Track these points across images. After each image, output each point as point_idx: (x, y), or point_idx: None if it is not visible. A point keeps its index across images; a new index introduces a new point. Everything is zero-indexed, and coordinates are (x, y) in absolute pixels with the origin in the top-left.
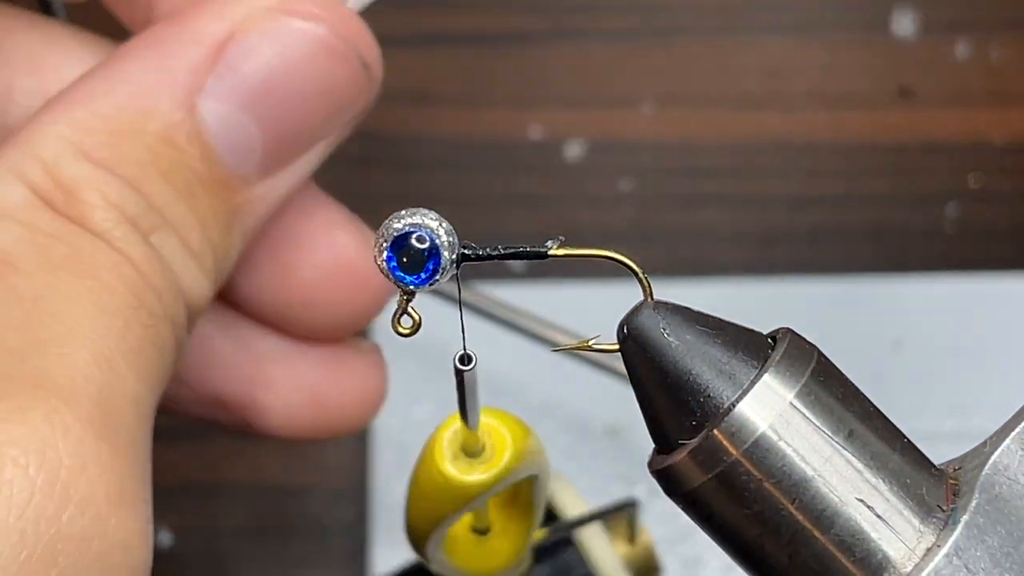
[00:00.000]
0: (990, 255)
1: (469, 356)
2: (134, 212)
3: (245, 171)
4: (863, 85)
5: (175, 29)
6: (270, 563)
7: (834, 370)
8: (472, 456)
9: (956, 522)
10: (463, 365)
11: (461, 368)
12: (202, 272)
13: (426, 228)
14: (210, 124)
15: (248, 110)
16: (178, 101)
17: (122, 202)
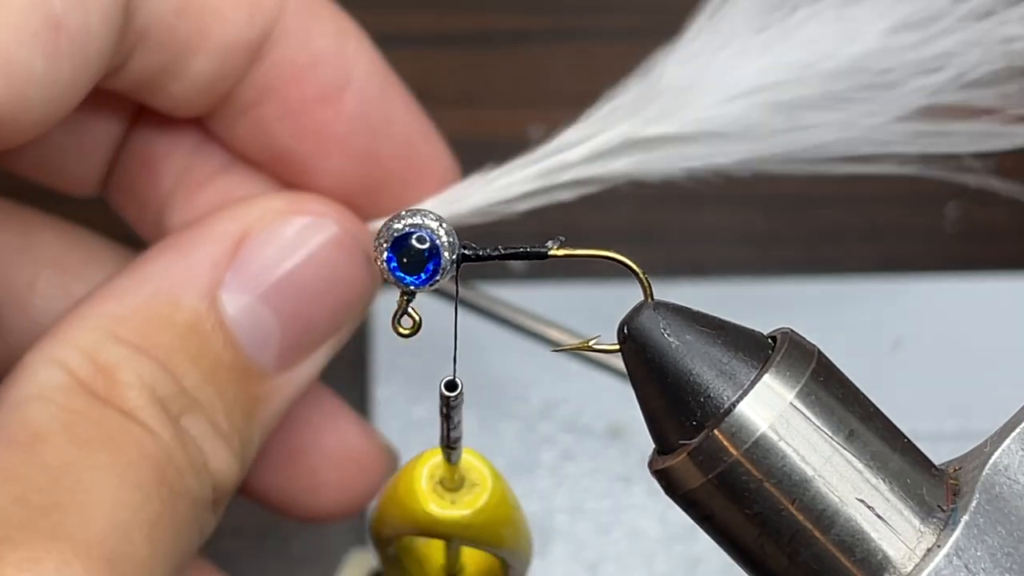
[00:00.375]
0: (990, 255)
1: (454, 383)
2: (164, 393)
3: (264, 361)
4: None
5: (194, 232)
6: (270, 563)
7: (834, 370)
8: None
9: (956, 522)
10: (449, 391)
11: (447, 395)
12: (230, 453)
13: (426, 228)
14: (231, 314)
15: (265, 302)
16: (201, 293)
17: (154, 383)
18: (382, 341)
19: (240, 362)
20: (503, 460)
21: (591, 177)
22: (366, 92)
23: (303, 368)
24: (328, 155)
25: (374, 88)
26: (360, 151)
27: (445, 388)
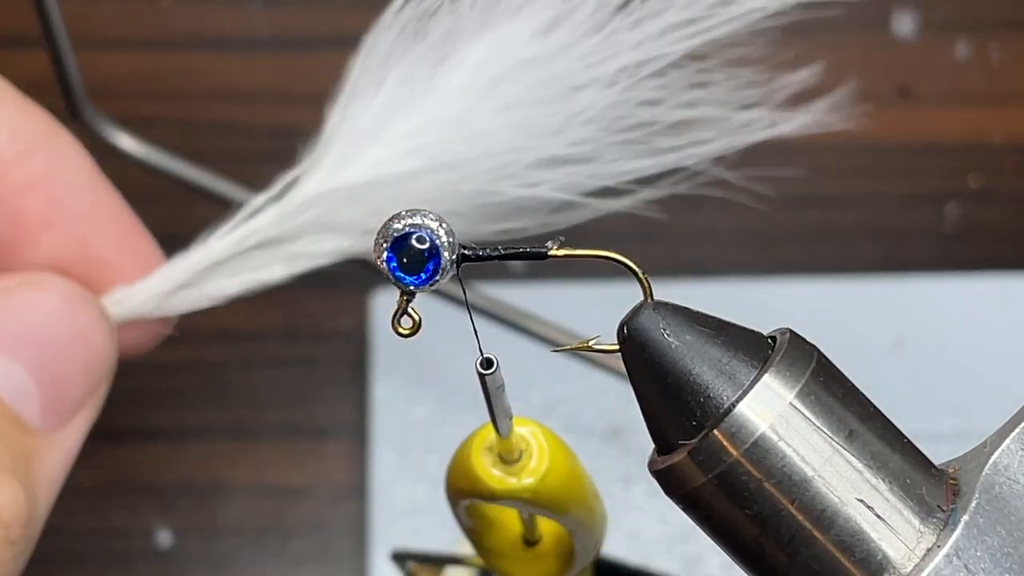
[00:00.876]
0: (990, 255)
1: (490, 360)
2: None
3: (30, 417)
4: (863, 85)
5: None
6: (270, 563)
7: (834, 370)
8: (505, 461)
9: (956, 522)
10: (484, 369)
11: (483, 372)
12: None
13: (426, 228)
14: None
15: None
16: None
17: None
18: (383, 341)
19: (10, 413)
20: None
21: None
22: (75, 181)
23: (70, 431)
24: (39, 240)
25: (83, 179)
26: (70, 236)
27: (481, 367)
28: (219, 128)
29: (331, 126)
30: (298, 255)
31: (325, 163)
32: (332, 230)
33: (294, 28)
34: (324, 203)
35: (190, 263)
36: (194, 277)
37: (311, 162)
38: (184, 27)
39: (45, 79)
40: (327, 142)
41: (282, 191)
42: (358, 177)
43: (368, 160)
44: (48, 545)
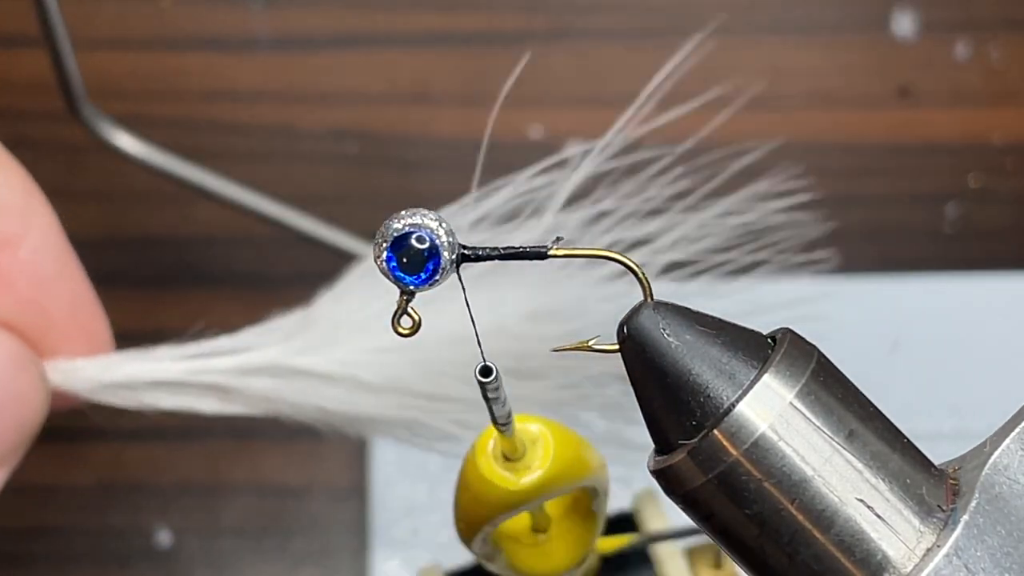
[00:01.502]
0: (990, 255)
1: (488, 368)
2: None
3: None
4: (863, 85)
5: None
6: (270, 563)
7: (834, 370)
8: (513, 461)
9: (956, 522)
10: (483, 377)
11: (482, 381)
12: None
13: (426, 228)
14: None
15: None
16: None
17: None
18: None
19: None
20: None
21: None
22: (42, 246)
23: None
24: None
25: (50, 245)
26: (27, 297)
27: (480, 375)
28: (219, 128)
29: (316, 310)
30: (234, 401)
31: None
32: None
33: (294, 28)
34: (279, 375)
35: (137, 370)
36: (136, 384)
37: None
38: (184, 27)
39: (45, 79)
40: (307, 322)
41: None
42: (319, 366)
43: (334, 356)
44: (48, 545)
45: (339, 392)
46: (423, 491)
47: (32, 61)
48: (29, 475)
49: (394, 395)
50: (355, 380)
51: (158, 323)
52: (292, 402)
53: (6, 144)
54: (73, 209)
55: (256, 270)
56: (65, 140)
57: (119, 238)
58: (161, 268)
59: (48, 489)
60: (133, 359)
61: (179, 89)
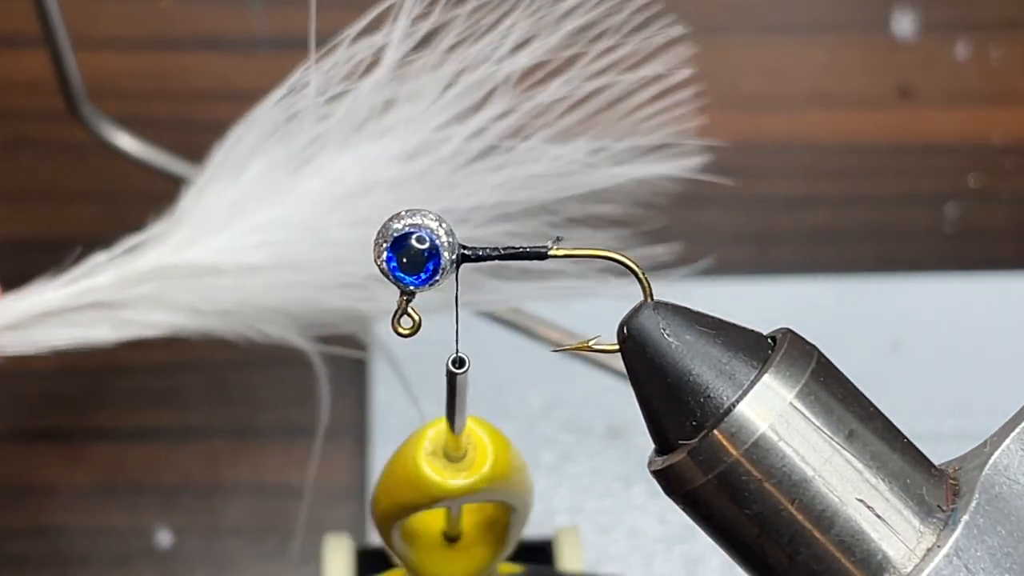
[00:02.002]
0: (990, 255)
1: (462, 359)
2: None
3: None
4: (863, 85)
5: None
6: (270, 563)
7: (834, 370)
8: (451, 460)
9: (956, 522)
10: (456, 368)
11: (454, 371)
12: None
13: (426, 228)
14: None
15: None
16: None
17: None
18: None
19: None
20: None
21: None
22: None
23: None
24: None
25: None
26: None
27: (453, 365)
28: (219, 128)
29: (185, 205)
30: (128, 322)
31: (172, 239)
32: (166, 305)
33: (294, 28)
34: (163, 277)
35: (21, 307)
36: (23, 320)
37: (158, 234)
38: (184, 27)
39: (45, 79)
40: (178, 219)
41: (123, 254)
42: (200, 259)
43: (213, 245)
44: (48, 545)
45: (229, 282)
46: None
47: (32, 61)
48: (29, 475)
49: (288, 273)
50: (242, 265)
51: None
52: (185, 305)
53: (6, 144)
54: (73, 209)
55: None
56: (65, 140)
57: (119, 238)
58: None
59: (48, 489)
60: (15, 299)
61: (179, 89)
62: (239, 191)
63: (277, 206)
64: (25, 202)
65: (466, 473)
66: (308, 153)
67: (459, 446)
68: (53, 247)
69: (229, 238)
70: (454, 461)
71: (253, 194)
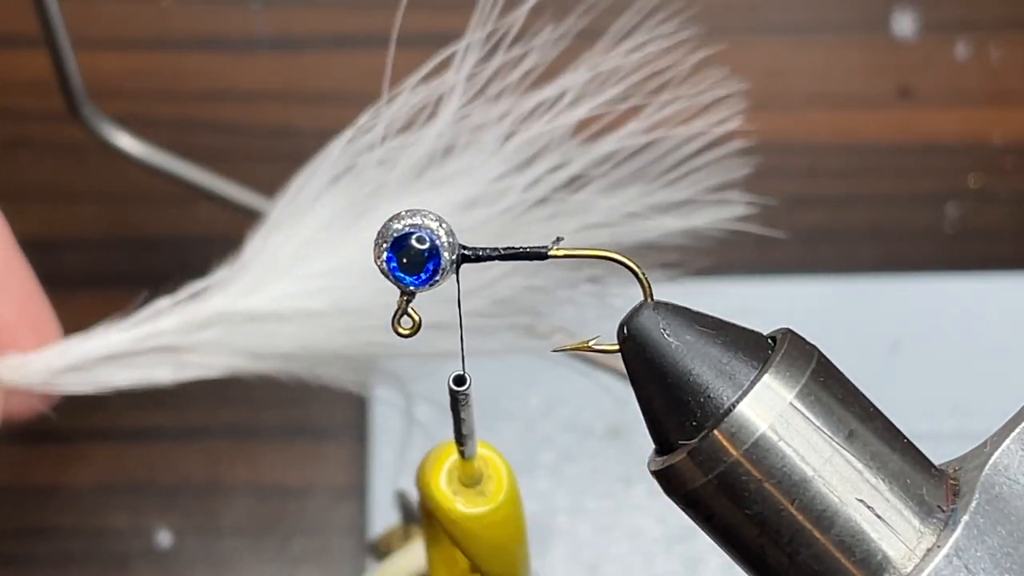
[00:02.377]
0: (990, 255)
1: (463, 377)
2: None
3: None
4: (863, 85)
5: None
6: (270, 563)
7: (834, 370)
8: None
9: (956, 522)
10: (457, 386)
11: (456, 389)
12: None
13: (426, 229)
14: None
15: None
16: None
17: None
18: None
19: None
20: None
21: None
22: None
23: None
24: None
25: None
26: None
27: (453, 383)
28: (219, 128)
29: (250, 251)
30: (189, 364)
31: (236, 285)
32: (228, 349)
33: (294, 28)
34: (226, 323)
35: (86, 349)
36: (87, 363)
37: (222, 280)
38: (184, 27)
39: (45, 79)
40: (242, 265)
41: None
42: (263, 306)
43: (276, 292)
44: (48, 545)
45: (291, 328)
46: None
47: (32, 61)
48: (29, 475)
49: (347, 317)
50: (304, 311)
51: None
52: (247, 350)
53: (6, 144)
54: (73, 209)
55: None
56: (65, 140)
57: (119, 238)
58: (161, 268)
59: (48, 489)
60: (80, 341)
61: (179, 89)
62: (302, 238)
63: (339, 253)
64: (25, 202)
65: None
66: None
67: (472, 472)
68: (53, 247)
69: (291, 284)
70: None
71: (316, 241)
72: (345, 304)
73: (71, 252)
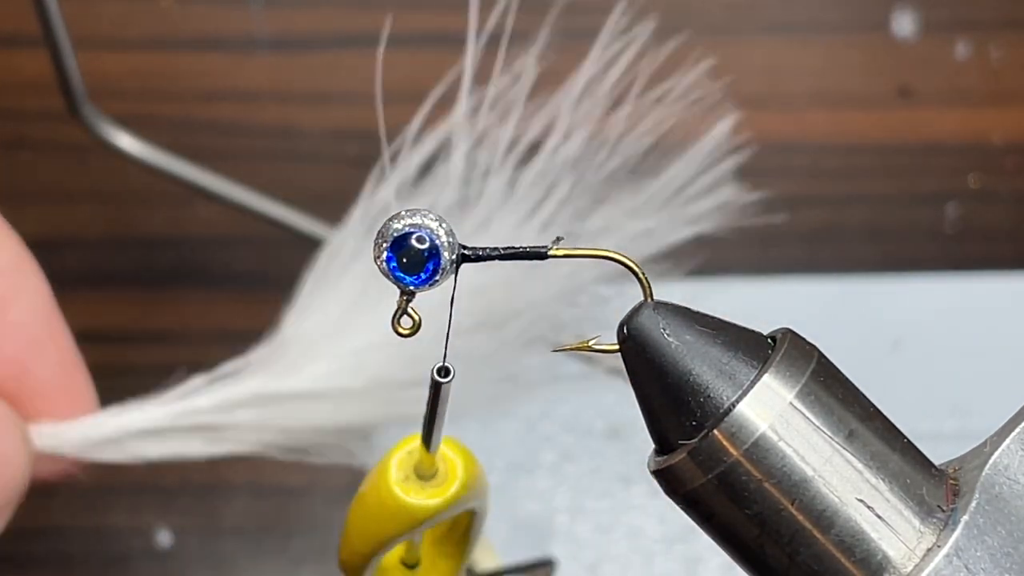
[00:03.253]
0: (990, 255)
1: (447, 368)
2: None
3: None
4: (863, 85)
5: None
6: (270, 563)
7: (834, 370)
8: (424, 479)
9: (956, 522)
10: (441, 377)
11: (439, 380)
12: None
13: (426, 228)
14: None
15: None
16: None
17: None
18: None
19: None
20: (503, 460)
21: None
22: (30, 309)
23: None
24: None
25: (38, 308)
26: (14, 360)
27: (438, 374)
28: (219, 128)
29: (285, 331)
30: (223, 439)
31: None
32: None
33: (294, 28)
34: (263, 403)
35: (121, 423)
36: (121, 437)
37: (258, 360)
38: (184, 27)
39: (45, 79)
40: (279, 347)
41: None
42: (301, 387)
43: (313, 372)
44: (48, 545)
45: (327, 406)
46: None
47: (32, 61)
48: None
49: (381, 391)
50: (340, 389)
51: (158, 323)
52: (282, 428)
53: (6, 144)
54: (73, 209)
55: (256, 270)
56: (65, 140)
57: (119, 238)
58: (161, 268)
59: (48, 489)
60: (116, 414)
61: (179, 89)
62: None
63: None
64: (25, 202)
65: (442, 488)
66: None
67: (432, 464)
68: (53, 247)
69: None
70: (427, 479)
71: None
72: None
73: (71, 252)
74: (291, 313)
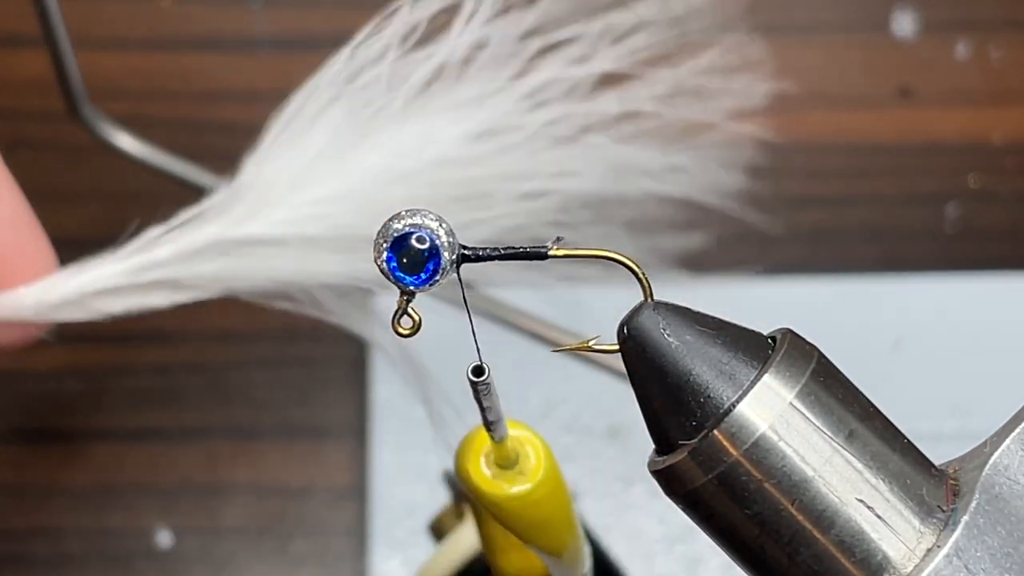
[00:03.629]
0: (990, 255)
1: (481, 368)
2: None
3: None
4: (863, 85)
5: None
6: (270, 563)
7: (834, 370)
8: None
9: (956, 522)
10: (476, 377)
11: (474, 380)
12: None
13: (426, 228)
14: None
15: None
16: None
17: None
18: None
19: None
20: None
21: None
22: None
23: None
24: None
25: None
26: None
27: (472, 374)
28: (219, 128)
29: (245, 177)
30: (184, 288)
31: (232, 211)
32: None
33: (294, 28)
34: (222, 250)
35: (80, 283)
36: (81, 297)
37: (216, 205)
38: (184, 27)
39: (45, 79)
40: (237, 191)
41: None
42: (260, 231)
43: (273, 217)
44: (48, 545)
45: (289, 253)
46: (423, 491)
47: (32, 61)
48: (29, 475)
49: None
50: (302, 237)
51: (158, 323)
52: (244, 277)
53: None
54: (73, 209)
55: None
56: (65, 140)
57: (119, 238)
58: None
59: (48, 489)
60: (74, 274)
61: (179, 89)
62: (298, 164)
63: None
64: None
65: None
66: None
67: (506, 454)
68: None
69: (288, 210)
70: (504, 468)
71: (313, 167)
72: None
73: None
74: (252, 159)
